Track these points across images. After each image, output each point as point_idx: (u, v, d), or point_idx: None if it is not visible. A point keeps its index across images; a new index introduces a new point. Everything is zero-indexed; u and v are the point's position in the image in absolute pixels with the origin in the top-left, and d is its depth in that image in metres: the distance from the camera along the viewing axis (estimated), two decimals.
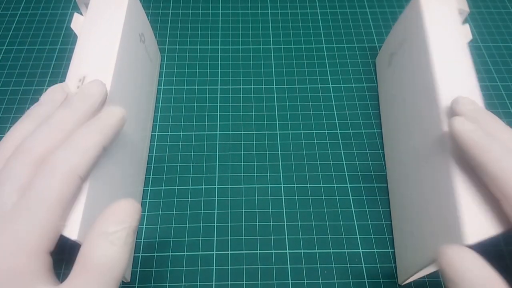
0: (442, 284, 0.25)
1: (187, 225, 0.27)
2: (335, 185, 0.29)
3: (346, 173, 0.29)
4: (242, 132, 0.31)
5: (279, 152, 0.30)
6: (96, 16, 0.25)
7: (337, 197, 0.28)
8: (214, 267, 0.26)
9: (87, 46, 0.24)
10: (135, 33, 0.27)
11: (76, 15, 0.26)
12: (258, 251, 0.26)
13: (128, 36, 0.26)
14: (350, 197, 0.29)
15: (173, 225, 0.27)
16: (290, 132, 0.31)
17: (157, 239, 0.27)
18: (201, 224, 0.27)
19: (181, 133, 0.31)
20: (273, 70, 0.35)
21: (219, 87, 0.34)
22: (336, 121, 0.32)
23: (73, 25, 0.26)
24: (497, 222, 0.18)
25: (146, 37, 0.30)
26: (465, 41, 0.25)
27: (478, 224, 0.18)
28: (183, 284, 0.25)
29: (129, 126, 0.25)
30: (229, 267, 0.26)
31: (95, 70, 0.23)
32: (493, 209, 0.19)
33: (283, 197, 0.28)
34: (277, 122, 0.32)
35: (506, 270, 0.26)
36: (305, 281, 0.25)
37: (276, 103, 0.33)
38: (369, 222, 0.28)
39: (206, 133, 0.31)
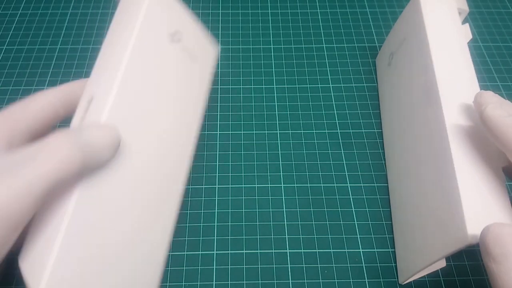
0: (483, 270, 0.25)
1: (187, 224, 0.27)
2: (335, 184, 0.29)
3: (346, 173, 0.29)
4: (242, 132, 0.31)
5: (279, 152, 0.30)
6: (121, 14, 0.22)
7: (337, 196, 0.28)
8: (214, 267, 0.26)
9: (102, 55, 0.20)
10: (161, 35, 0.22)
11: None
12: (259, 251, 0.26)
13: (148, 39, 0.21)
14: (350, 196, 0.29)
15: None
16: (290, 131, 0.31)
17: None
18: (201, 224, 0.27)
19: None
20: (273, 70, 0.35)
21: (219, 87, 0.34)
22: (336, 121, 0.32)
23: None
24: (500, 219, 0.18)
25: (185, 34, 0.25)
26: (465, 40, 0.25)
27: (481, 222, 0.18)
28: (183, 283, 0.25)
29: (151, 148, 0.21)
30: (229, 266, 0.26)
31: (101, 91, 0.19)
32: (495, 207, 0.19)
33: (283, 197, 0.28)
34: (277, 121, 0.32)
35: None
36: (305, 281, 0.25)
37: (276, 103, 0.33)
38: (369, 222, 0.28)
39: (206, 132, 0.31)
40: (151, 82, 0.21)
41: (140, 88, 0.20)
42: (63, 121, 0.23)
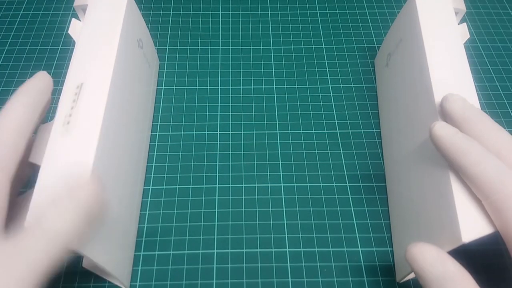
0: None
1: (188, 224, 0.27)
2: (334, 184, 0.29)
3: (345, 173, 0.30)
4: (242, 132, 0.32)
5: (279, 152, 0.31)
6: (93, 22, 0.25)
7: (336, 196, 0.29)
8: (214, 266, 0.26)
9: (85, 52, 0.24)
10: (133, 39, 0.27)
11: (74, 21, 0.26)
12: (258, 250, 0.26)
13: (126, 42, 0.26)
14: (349, 196, 0.29)
15: (174, 224, 0.27)
16: (290, 131, 0.32)
17: (158, 238, 0.27)
18: (202, 223, 0.27)
19: (182, 132, 0.31)
20: (273, 70, 0.35)
21: (219, 87, 0.34)
22: (336, 121, 0.32)
23: (71, 31, 0.26)
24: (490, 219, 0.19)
25: (144, 43, 0.30)
26: (461, 40, 0.25)
27: (473, 222, 0.19)
28: (184, 282, 0.25)
29: (128, 132, 0.26)
30: (230, 265, 0.26)
31: (93, 77, 0.23)
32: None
33: (283, 196, 0.29)
34: (277, 122, 0.32)
35: (505, 269, 0.26)
36: (305, 280, 0.25)
37: (276, 103, 0.33)
38: (368, 221, 0.28)
39: (206, 132, 0.31)
40: (128, 74, 0.26)
41: (123, 75, 0.25)
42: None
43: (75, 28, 0.26)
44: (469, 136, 0.19)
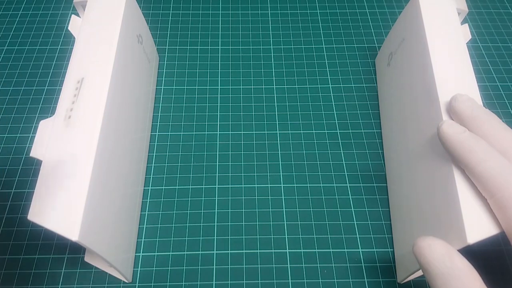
0: None
1: (188, 224, 0.27)
2: (334, 184, 0.29)
3: (345, 173, 0.30)
4: (242, 132, 0.31)
5: (279, 152, 0.30)
6: (93, 18, 0.25)
7: (336, 196, 0.29)
8: (214, 267, 0.26)
9: (85, 48, 0.24)
10: (133, 34, 0.27)
11: (73, 17, 0.26)
12: (258, 251, 0.26)
13: (126, 37, 0.26)
14: (350, 196, 0.29)
15: (173, 225, 0.27)
16: (290, 132, 0.32)
17: (157, 239, 0.27)
18: (201, 224, 0.27)
19: (182, 133, 0.31)
20: (273, 70, 0.35)
21: (219, 87, 0.34)
22: (336, 121, 0.32)
23: (70, 27, 0.26)
24: (498, 221, 0.18)
25: (143, 38, 0.30)
26: (463, 40, 0.25)
27: (479, 223, 0.18)
28: (183, 283, 0.25)
29: (128, 127, 0.26)
30: (229, 266, 0.26)
31: (93, 72, 0.23)
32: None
33: (283, 197, 0.28)
34: (277, 122, 0.32)
35: (505, 270, 0.26)
36: (305, 281, 0.25)
37: (276, 103, 0.33)
38: (369, 222, 0.28)
39: (206, 133, 0.31)
40: (128, 68, 0.26)
41: (123, 70, 0.25)
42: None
43: (75, 25, 0.26)
44: (476, 135, 0.19)
